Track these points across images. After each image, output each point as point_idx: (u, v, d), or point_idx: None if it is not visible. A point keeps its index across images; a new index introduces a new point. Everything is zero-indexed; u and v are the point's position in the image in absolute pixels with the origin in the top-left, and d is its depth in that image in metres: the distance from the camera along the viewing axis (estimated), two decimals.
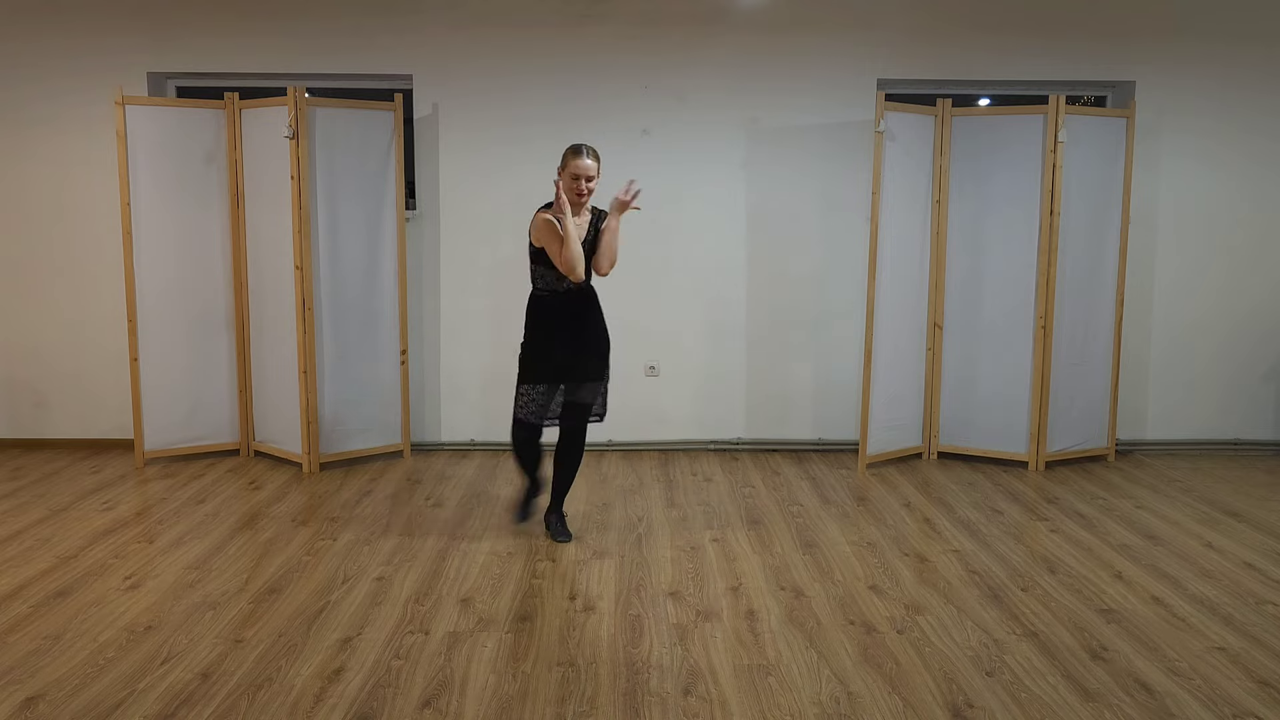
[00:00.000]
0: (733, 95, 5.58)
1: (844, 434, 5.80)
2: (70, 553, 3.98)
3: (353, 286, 5.33)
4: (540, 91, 5.54)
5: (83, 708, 2.75)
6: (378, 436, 5.49)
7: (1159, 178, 5.65)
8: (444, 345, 5.72)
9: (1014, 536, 4.25)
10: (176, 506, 4.62)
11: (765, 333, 5.75)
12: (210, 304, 5.43)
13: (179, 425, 5.42)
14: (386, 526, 4.35)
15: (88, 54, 5.48)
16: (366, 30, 5.49)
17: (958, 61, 5.60)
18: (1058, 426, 5.38)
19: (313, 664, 3.02)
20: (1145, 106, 5.53)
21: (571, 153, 3.89)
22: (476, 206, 5.62)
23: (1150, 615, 3.41)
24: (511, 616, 3.39)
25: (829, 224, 5.69)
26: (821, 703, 2.79)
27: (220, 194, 5.37)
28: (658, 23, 5.52)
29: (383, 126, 5.30)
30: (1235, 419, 5.85)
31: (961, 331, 5.46)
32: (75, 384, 5.72)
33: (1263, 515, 4.58)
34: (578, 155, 3.87)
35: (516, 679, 2.94)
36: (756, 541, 4.17)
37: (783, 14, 5.53)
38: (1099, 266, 5.36)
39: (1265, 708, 2.78)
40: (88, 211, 5.57)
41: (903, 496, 4.85)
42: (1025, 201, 5.25)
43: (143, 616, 3.36)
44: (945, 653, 3.11)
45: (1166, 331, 5.78)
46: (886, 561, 3.94)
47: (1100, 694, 2.85)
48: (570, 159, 3.88)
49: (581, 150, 3.88)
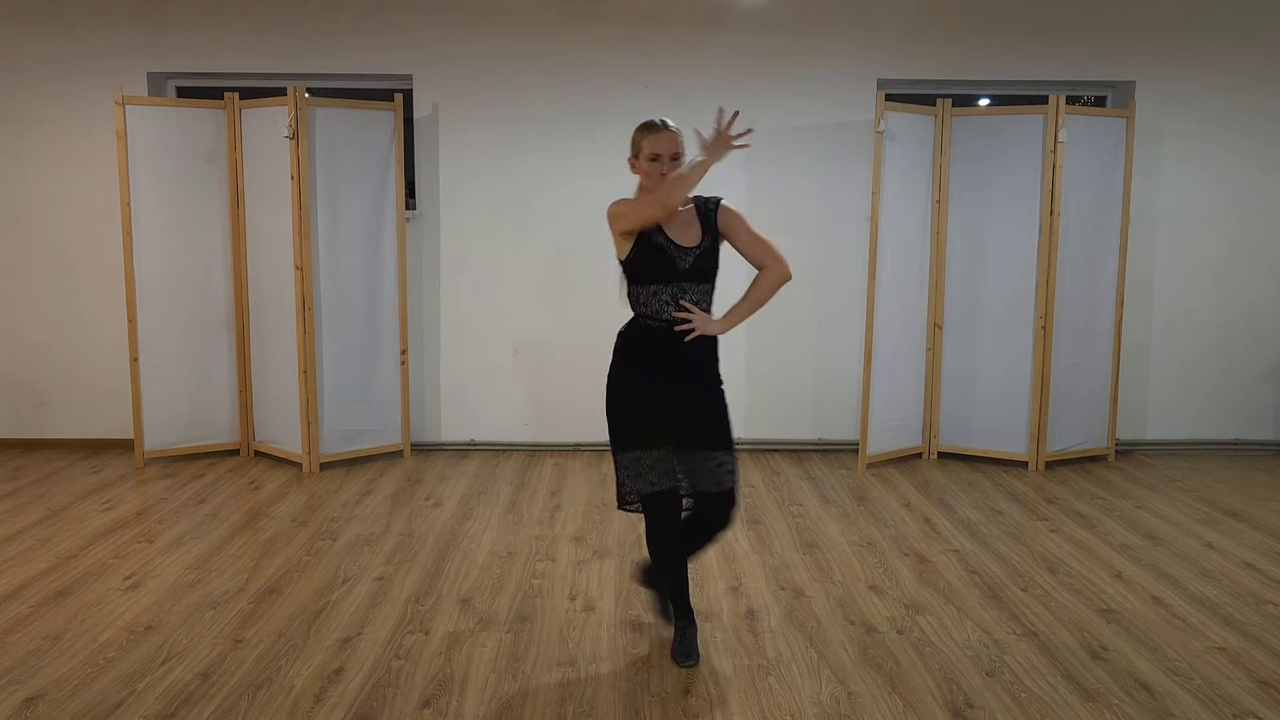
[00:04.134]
0: (733, 95, 5.57)
1: (844, 434, 5.80)
2: (70, 553, 3.98)
3: (353, 286, 5.32)
4: (540, 91, 5.54)
5: (83, 708, 2.75)
6: (378, 436, 5.49)
7: (1159, 178, 5.65)
8: (444, 345, 5.72)
9: (1014, 536, 4.25)
10: (176, 506, 4.62)
11: (765, 333, 5.75)
12: (210, 304, 5.43)
13: (179, 425, 5.42)
14: (386, 526, 4.34)
15: (88, 54, 5.48)
16: (366, 30, 5.49)
17: (958, 61, 5.60)
18: (1058, 426, 5.38)
19: (313, 664, 3.02)
20: (1145, 107, 5.53)
21: (643, 131, 2.97)
22: (476, 206, 5.62)
23: (1150, 615, 3.41)
24: (511, 616, 3.39)
25: (829, 224, 5.68)
26: (821, 703, 2.79)
27: (220, 194, 5.37)
28: (658, 23, 5.52)
29: (383, 126, 5.30)
30: (1235, 419, 5.85)
31: (961, 331, 5.46)
32: (75, 384, 5.72)
33: (1263, 515, 4.58)
34: (651, 130, 2.95)
35: (516, 679, 2.94)
36: (756, 541, 4.17)
37: (783, 14, 5.53)
38: (1099, 266, 5.36)
39: (1265, 708, 2.78)
40: (87, 211, 5.56)
41: (903, 496, 4.85)
42: (1025, 201, 5.25)
43: (143, 616, 3.36)
44: (945, 653, 3.11)
45: (1166, 331, 5.78)
46: (886, 561, 3.94)
47: (1100, 694, 2.85)
48: (642, 138, 2.96)
49: (655, 124, 2.97)
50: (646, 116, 3.07)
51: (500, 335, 5.72)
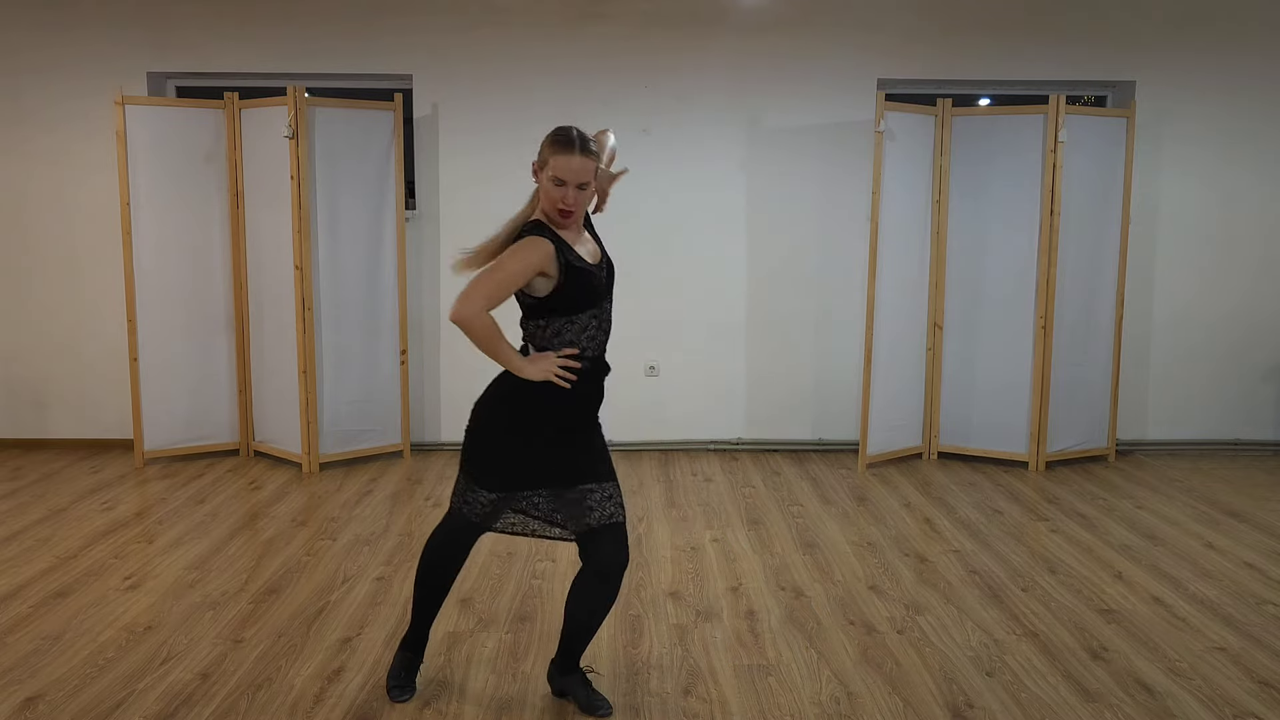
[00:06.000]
0: (733, 95, 5.59)
1: (844, 434, 5.80)
2: (70, 553, 3.98)
3: (353, 286, 5.32)
4: (540, 91, 5.54)
5: (83, 708, 2.75)
6: (377, 436, 5.49)
7: (1159, 177, 5.65)
8: (444, 345, 5.72)
9: (1014, 536, 4.25)
10: (176, 506, 4.62)
11: (765, 333, 5.75)
12: (210, 304, 5.43)
13: (179, 425, 5.42)
14: (386, 526, 4.34)
15: (88, 54, 5.48)
16: (366, 30, 5.49)
17: (958, 61, 5.60)
18: (1058, 426, 5.38)
19: (313, 664, 3.02)
20: (1145, 106, 5.52)
21: (554, 146, 2.50)
22: (476, 206, 5.61)
23: (1150, 615, 3.41)
24: (511, 616, 3.39)
25: (829, 224, 5.68)
26: (821, 703, 2.79)
27: (220, 194, 5.37)
28: (658, 23, 5.52)
29: (383, 126, 5.30)
30: (1235, 419, 5.85)
31: (961, 331, 5.46)
32: (75, 384, 5.72)
33: (1263, 515, 4.57)
34: (564, 148, 2.48)
35: (516, 679, 2.94)
36: (756, 541, 4.17)
37: (783, 14, 5.53)
38: (1099, 266, 5.36)
39: (1265, 708, 2.77)
40: (87, 211, 5.56)
41: (903, 496, 4.85)
42: (1025, 201, 5.25)
43: (142, 616, 3.36)
44: (945, 653, 3.11)
45: (1166, 331, 5.78)
46: (886, 561, 3.93)
47: (1100, 694, 2.85)
48: (551, 154, 2.50)
49: (570, 140, 2.49)
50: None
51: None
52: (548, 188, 2.53)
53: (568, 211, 2.53)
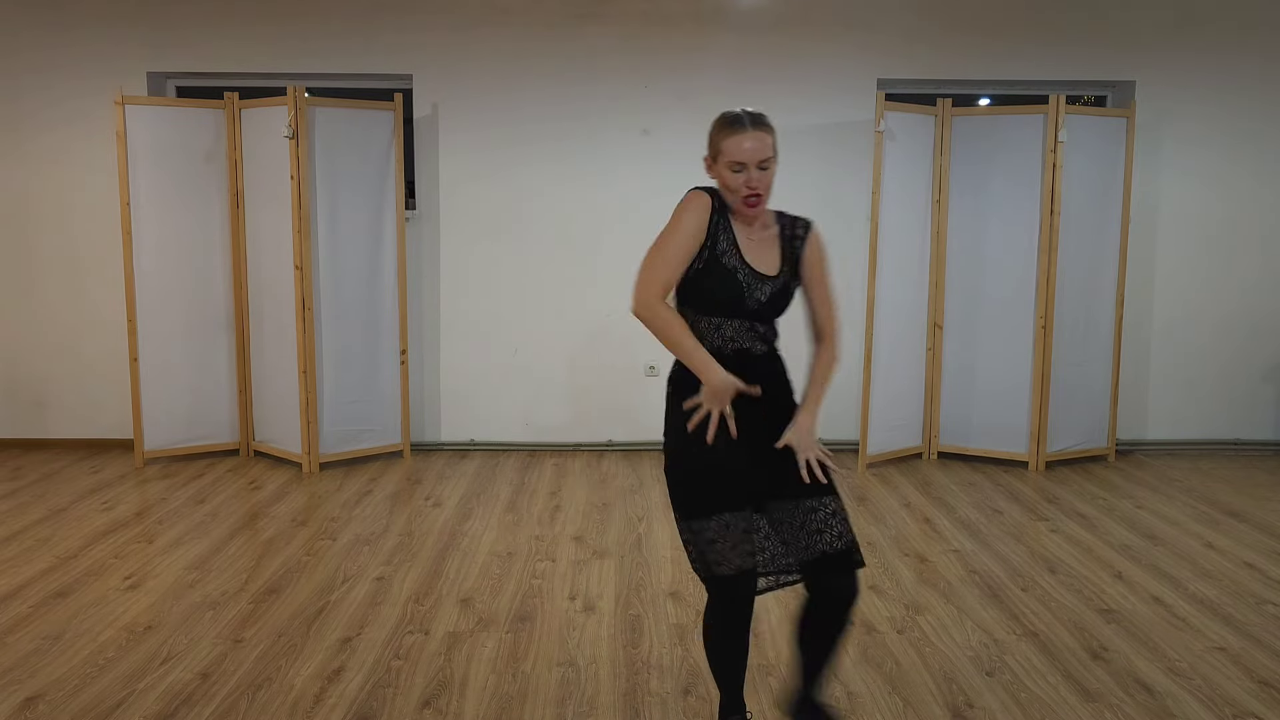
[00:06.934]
0: (733, 95, 5.57)
1: (844, 434, 5.79)
2: (70, 553, 3.98)
3: (353, 286, 5.32)
4: (540, 91, 5.54)
5: (83, 708, 2.75)
6: (378, 436, 5.49)
7: (1159, 177, 5.65)
8: (444, 345, 5.72)
9: (1014, 536, 4.25)
10: (176, 506, 4.62)
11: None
12: (210, 304, 5.43)
13: (179, 425, 5.42)
14: (386, 526, 4.34)
15: (88, 54, 5.48)
16: (366, 30, 5.49)
17: (958, 61, 5.60)
18: (1058, 426, 5.38)
19: (313, 664, 3.02)
20: (1145, 106, 5.52)
21: (724, 129, 2.31)
22: (476, 206, 5.62)
23: (1150, 615, 3.41)
24: (511, 616, 3.39)
25: (829, 224, 5.60)
26: None
27: (220, 194, 5.37)
28: (658, 23, 5.52)
29: (383, 126, 5.30)
30: (1235, 419, 5.85)
31: (961, 331, 5.46)
32: (75, 384, 5.72)
33: (1263, 515, 4.57)
34: (735, 128, 2.28)
35: (516, 679, 2.94)
36: None
37: (783, 14, 5.53)
38: (1099, 266, 5.36)
39: (1265, 708, 2.78)
40: (87, 211, 5.56)
41: (903, 496, 4.85)
42: (1025, 201, 5.25)
43: (142, 616, 3.36)
44: (945, 653, 3.11)
45: (1166, 331, 5.78)
46: (886, 561, 3.93)
47: (1100, 694, 2.85)
48: (723, 138, 2.31)
49: (739, 120, 2.30)
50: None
51: (500, 335, 5.72)
52: (727, 176, 2.31)
53: (755, 196, 2.29)
